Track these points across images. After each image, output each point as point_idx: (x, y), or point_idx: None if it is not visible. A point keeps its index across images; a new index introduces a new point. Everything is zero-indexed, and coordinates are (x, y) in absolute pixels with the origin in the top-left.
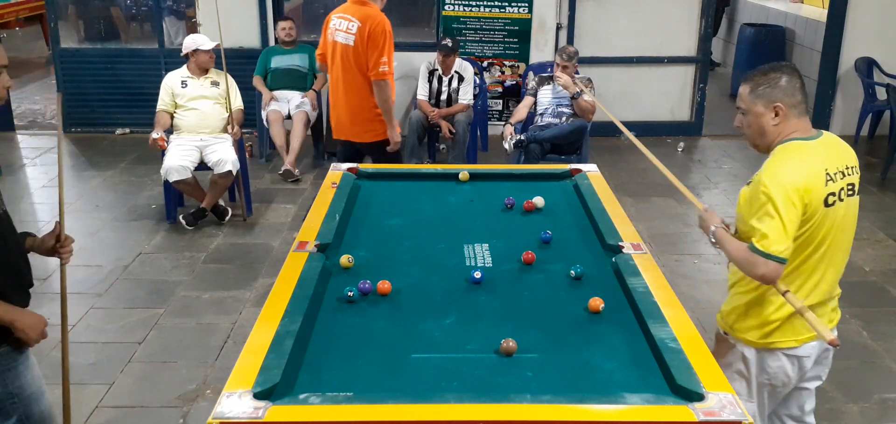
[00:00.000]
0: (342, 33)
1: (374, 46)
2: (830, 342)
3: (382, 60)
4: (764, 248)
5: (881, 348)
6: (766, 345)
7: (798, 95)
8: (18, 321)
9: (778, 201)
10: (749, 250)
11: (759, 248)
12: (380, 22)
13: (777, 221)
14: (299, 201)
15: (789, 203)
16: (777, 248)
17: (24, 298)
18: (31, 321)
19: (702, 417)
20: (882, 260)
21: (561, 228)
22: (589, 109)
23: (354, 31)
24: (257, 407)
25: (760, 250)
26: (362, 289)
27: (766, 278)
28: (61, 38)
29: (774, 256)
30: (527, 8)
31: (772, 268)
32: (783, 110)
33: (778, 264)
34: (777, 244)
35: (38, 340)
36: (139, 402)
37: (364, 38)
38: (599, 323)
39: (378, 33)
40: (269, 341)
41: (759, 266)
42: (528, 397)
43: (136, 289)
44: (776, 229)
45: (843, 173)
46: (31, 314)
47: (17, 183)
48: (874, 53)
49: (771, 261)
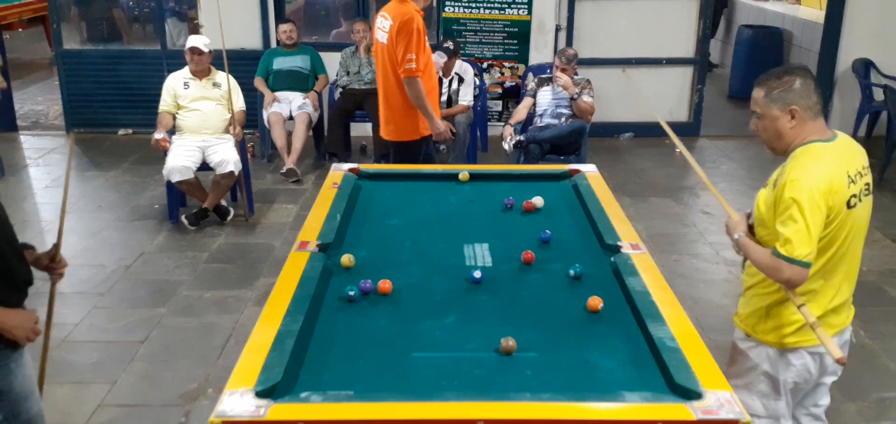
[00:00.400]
0: (381, 32)
1: (402, 42)
2: (838, 361)
3: (409, 56)
4: (788, 253)
5: (879, 347)
6: (789, 345)
7: (813, 97)
8: (4, 323)
9: (804, 204)
10: (773, 255)
11: (784, 253)
12: (409, 18)
13: (801, 224)
14: (301, 202)
15: (815, 207)
16: (801, 252)
17: (19, 296)
18: (17, 321)
19: (700, 416)
20: (880, 260)
21: (560, 228)
22: (588, 109)
23: (388, 29)
24: (259, 406)
25: (784, 255)
26: (363, 289)
27: (791, 282)
28: (64, 40)
29: (799, 260)
30: (526, 9)
31: (797, 272)
32: (799, 113)
33: (802, 268)
34: (801, 248)
35: (29, 340)
36: (141, 401)
37: (394, 34)
38: (598, 323)
39: (405, 29)
40: (271, 340)
41: (785, 271)
42: (528, 395)
43: (138, 289)
44: (800, 233)
45: (860, 174)
46: (18, 313)
47: (20, 183)
48: (871, 55)
49: (795, 265)
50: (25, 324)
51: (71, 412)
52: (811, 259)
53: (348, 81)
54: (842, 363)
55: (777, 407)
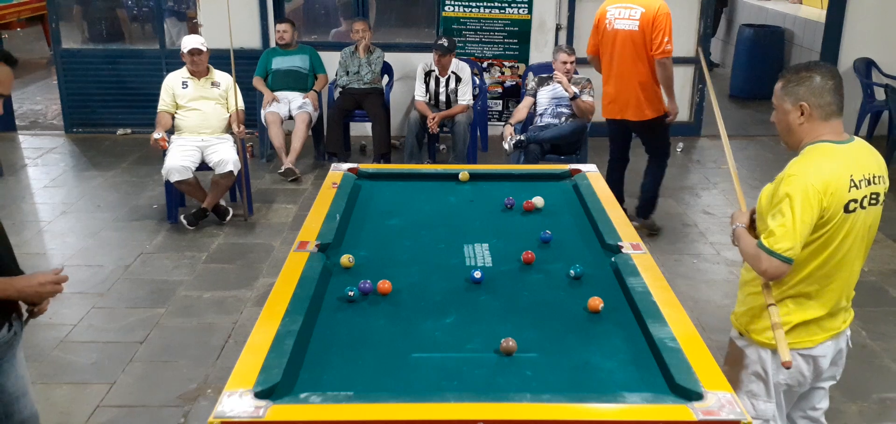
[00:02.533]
0: (624, 21)
1: (659, 29)
2: (784, 364)
3: (665, 40)
4: (770, 245)
5: (880, 348)
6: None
7: (827, 97)
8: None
9: (795, 200)
10: (756, 245)
11: (766, 244)
12: (663, 7)
13: (788, 219)
14: (300, 202)
15: (807, 204)
16: (782, 246)
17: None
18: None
19: (701, 416)
20: (881, 260)
21: (560, 228)
22: (588, 109)
23: (638, 17)
24: (258, 407)
25: (766, 246)
26: (363, 289)
27: (767, 274)
28: (62, 39)
29: (778, 254)
30: (527, 9)
31: (774, 265)
32: (808, 110)
33: (781, 262)
34: (783, 243)
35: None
36: (140, 401)
37: (649, 22)
38: (599, 323)
39: (662, 17)
40: (270, 340)
41: (763, 262)
42: (528, 396)
43: (137, 289)
44: (785, 228)
45: (868, 181)
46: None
47: (19, 183)
48: (873, 54)
49: (774, 258)
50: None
51: (70, 412)
52: (792, 255)
53: (348, 80)
54: (787, 366)
55: (767, 409)
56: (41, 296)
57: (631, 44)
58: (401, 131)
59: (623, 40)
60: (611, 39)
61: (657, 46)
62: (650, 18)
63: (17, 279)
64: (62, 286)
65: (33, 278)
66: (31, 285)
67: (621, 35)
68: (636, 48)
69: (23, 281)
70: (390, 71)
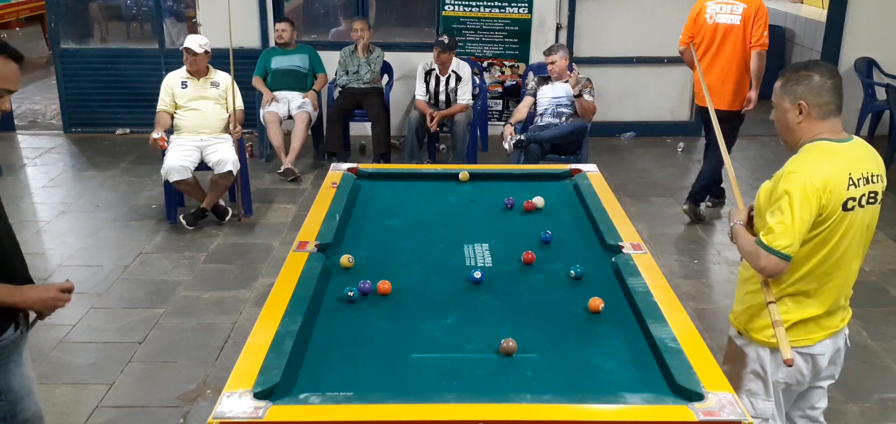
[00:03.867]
0: (725, 15)
1: (759, 23)
2: (785, 362)
3: (765, 33)
4: (769, 242)
5: (881, 348)
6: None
7: (826, 96)
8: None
9: (794, 197)
10: (755, 242)
11: (764, 241)
12: (762, 3)
13: (787, 217)
14: (299, 201)
15: (805, 201)
16: (780, 243)
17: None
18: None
19: (701, 417)
20: (881, 260)
21: (561, 228)
22: (589, 109)
23: (740, 12)
24: (257, 407)
25: (765, 243)
26: (362, 289)
27: (766, 271)
28: (61, 39)
29: (777, 251)
30: (527, 8)
31: (773, 262)
32: (806, 108)
33: (780, 259)
34: (781, 239)
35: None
36: (139, 402)
37: (751, 16)
38: (599, 323)
39: (762, 12)
40: (270, 341)
41: (761, 259)
42: (528, 397)
43: (136, 289)
44: (784, 225)
45: (867, 180)
46: (33, 286)
47: (18, 183)
48: (874, 54)
49: (772, 255)
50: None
51: (69, 413)
52: (790, 252)
53: (347, 80)
54: (789, 364)
55: (766, 407)
56: (47, 308)
57: (733, 37)
58: (401, 131)
59: (725, 34)
60: (711, 33)
61: (758, 39)
62: (751, 13)
63: (25, 289)
64: (70, 297)
65: (41, 290)
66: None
67: (723, 29)
68: (736, 41)
69: (31, 292)
70: (390, 70)
